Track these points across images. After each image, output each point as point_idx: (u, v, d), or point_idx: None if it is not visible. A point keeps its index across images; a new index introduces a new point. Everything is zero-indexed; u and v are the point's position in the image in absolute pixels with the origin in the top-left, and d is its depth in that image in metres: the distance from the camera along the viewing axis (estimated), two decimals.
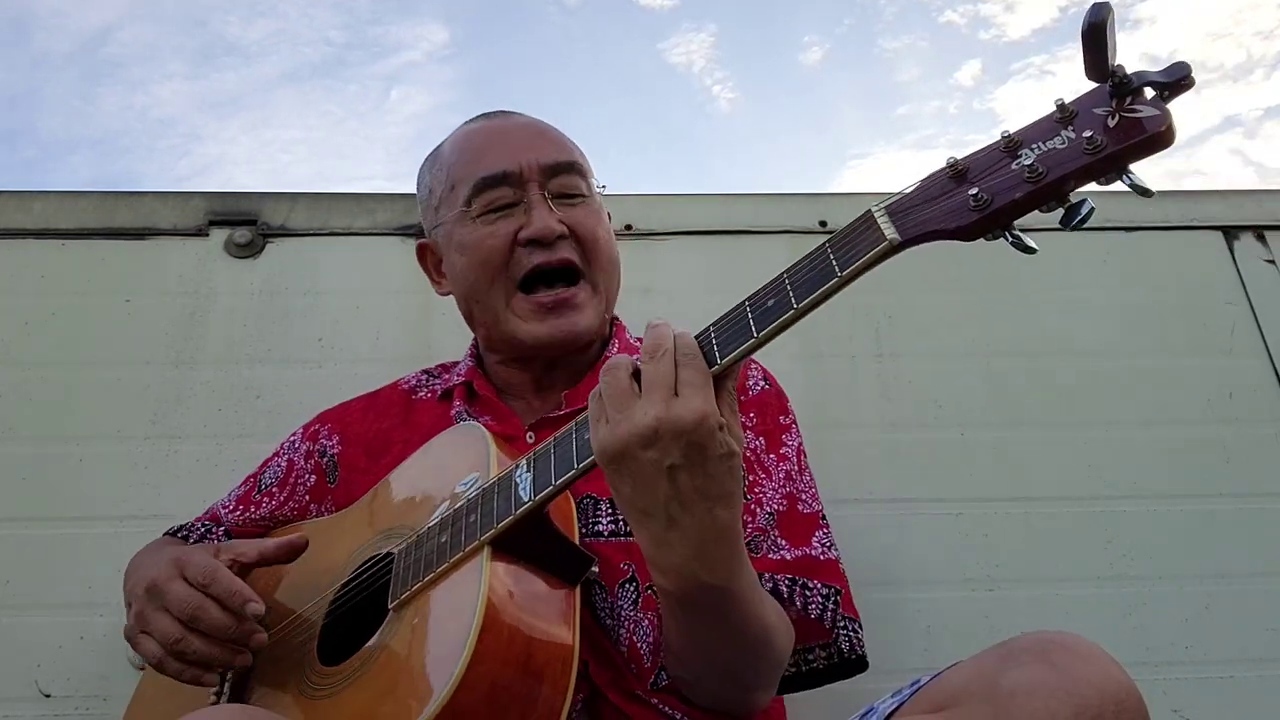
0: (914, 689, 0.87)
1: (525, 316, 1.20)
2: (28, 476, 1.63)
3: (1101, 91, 0.72)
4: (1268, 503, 1.66)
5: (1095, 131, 0.71)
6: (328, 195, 1.93)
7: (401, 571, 0.98)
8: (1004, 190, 0.74)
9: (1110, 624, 1.55)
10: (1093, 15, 0.68)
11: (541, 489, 0.90)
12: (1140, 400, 1.74)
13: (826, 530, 1.16)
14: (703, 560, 0.85)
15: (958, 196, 0.76)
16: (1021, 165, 0.73)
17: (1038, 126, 0.75)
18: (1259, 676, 1.52)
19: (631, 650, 1.04)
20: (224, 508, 1.35)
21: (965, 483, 1.66)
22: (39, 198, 1.88)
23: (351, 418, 1.35)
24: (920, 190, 0.79)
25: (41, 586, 1.55)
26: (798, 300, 0.80)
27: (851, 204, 1.93)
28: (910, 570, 1.58)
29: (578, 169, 1.25)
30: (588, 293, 1.22)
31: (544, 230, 1.17)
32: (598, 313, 1.23)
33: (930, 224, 0.76)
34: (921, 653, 1.50)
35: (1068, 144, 0.73)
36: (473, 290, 1.23)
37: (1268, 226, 1.91)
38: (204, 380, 1.73)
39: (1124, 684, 0.73)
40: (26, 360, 1.73)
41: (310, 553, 1.20)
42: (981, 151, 0.77)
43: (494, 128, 1.28)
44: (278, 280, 1.83)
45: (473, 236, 1.21)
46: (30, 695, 1.47)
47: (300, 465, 1.33)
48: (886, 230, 0.77)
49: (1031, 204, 0.74)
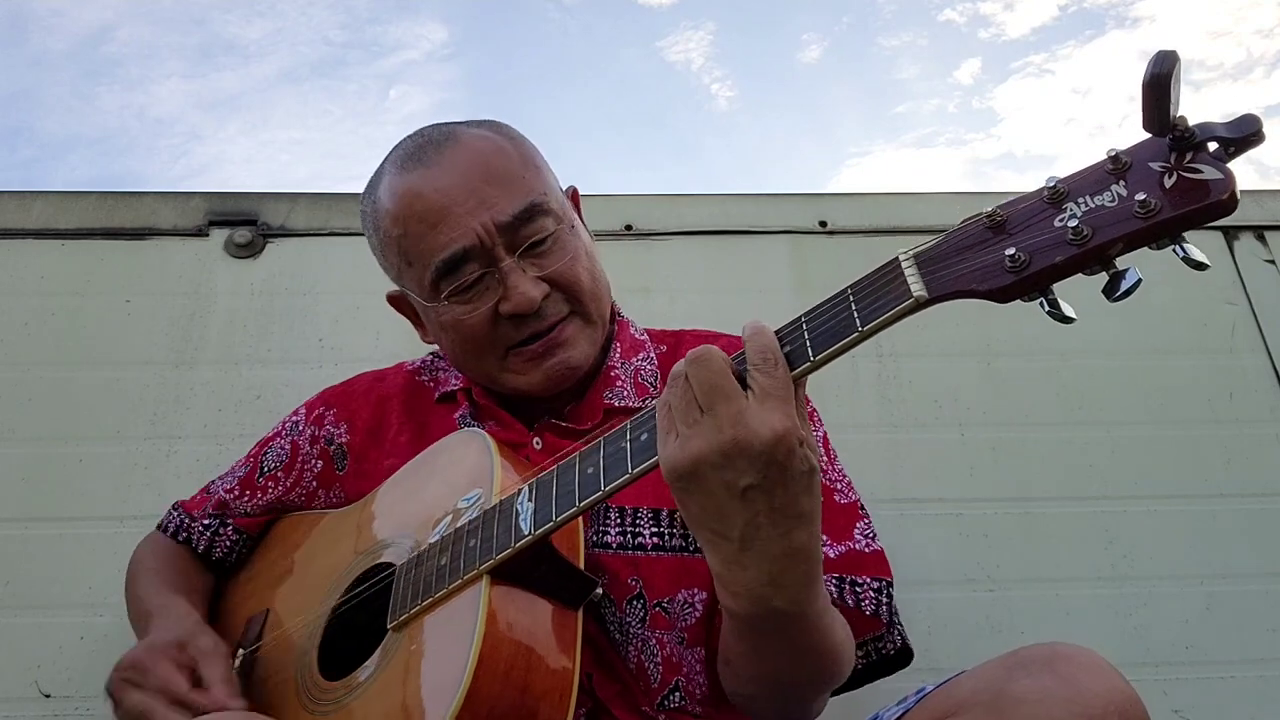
0: (919, 696, 0.88)
1: (521, 370, 1.13)
2: (28, 476, 1.63)
3: (1159, 144, 0.66)
4: (1268, 503, 1.66)
5: (1149, 193, 0.65)
6: (328, 195, 1.94)
7: (401, 591, 0.98)
8: (1044, 251, 0.68)
9: (1110, 624, 1.55)
10: (1157, 65, 0.62)
11: (542, 524, 0.87)
12: (1140, 400, 1.74)
13: (867, 520, 1.12)
14: (776, 584, 0.79)
15: (993, 252, 0.70)
16: (1065, 224, 0.67)
17: (1086, 177, 0.68)
18: (1259, 677, 1.52)
19: (639, 668, 1.02)
20: (228, 492, 1.31)
21: (965, 483, 1.66)
22: (39, 198, 1.88)
23: (356, 403, 1.30)
24: (953, 240, 0.73)
25: (41, 586, 1.55)
26: (815, 352, 0.77)
27: (851, 205, 1.93)
28: (910, 570, 1.58)
29: (538, 207, 1.10)
30: (577, 325, 1.13)
31: (525, 304, 1.07)
32: (591, 339, 1.15)
33: (962, 282, 0.71)
34: (922, 653, 1.49)
35: (1118, 202, 0.66)
36: (462, 361, 1.18)
37: (1268, 226, 1.91)
38: (204, 380, 1.73)
39: (1128, 695, 0.73)
40: (26, 360, 1.73)
41: (314, 550, 1.20)
42: (1023, 200, 0.71)
43: (432, 188, 1.10)
44: (278, 280, 1.83)
45: (449, 318, 1.12)
46: (30, 695, 1.47)
47: (305, 450, 1.29)
48: (914, 284, 0.72)
49: (1073, 268, 0.68)
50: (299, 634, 1.09)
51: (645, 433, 0.84)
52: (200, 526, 1.31)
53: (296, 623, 1.11)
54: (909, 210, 1.93)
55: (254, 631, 1.16)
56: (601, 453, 0.87)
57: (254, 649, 1.13)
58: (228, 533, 1.30)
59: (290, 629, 1.12)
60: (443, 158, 1.12)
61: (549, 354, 1.11)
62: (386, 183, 1.15)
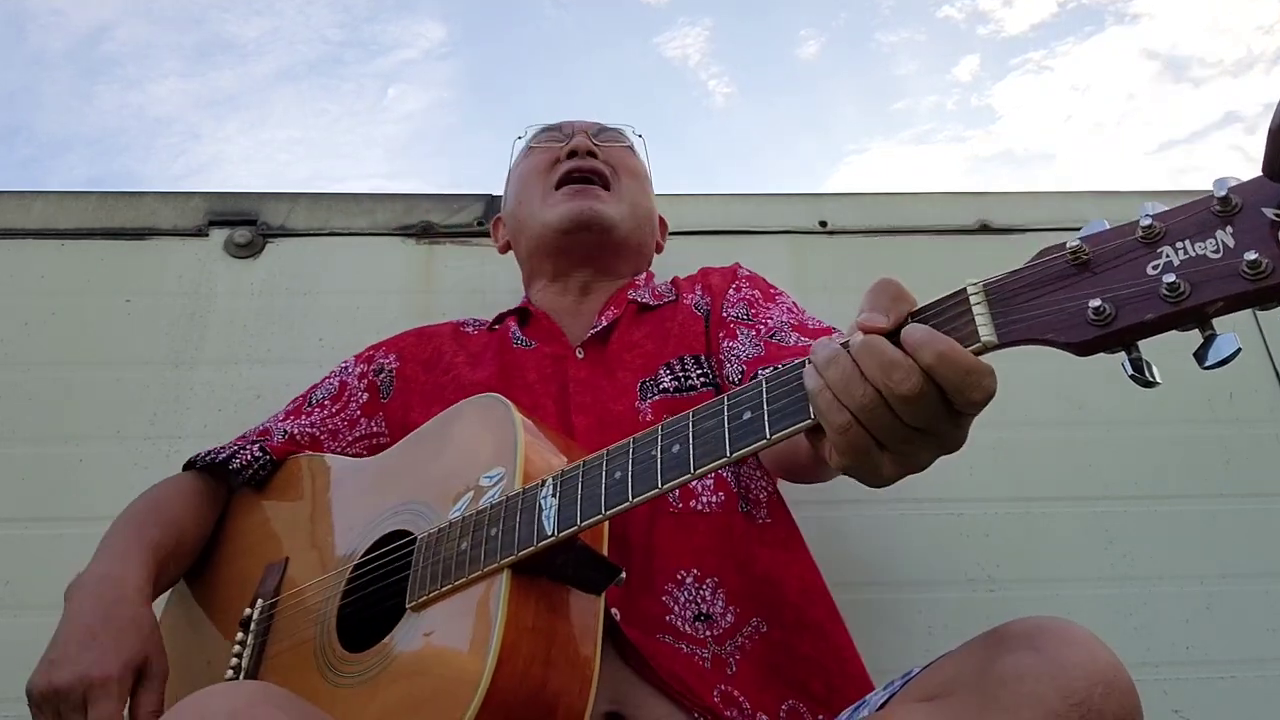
0: (905, 680, 0.88)
1: (556, 202, 1.39)
2: (28, 476, 1.63)
3: (1274, 188, 0.58)
4: (1268, 503, 1.66)
5: (1260, 251, 0.56)
6: (328, 195, 1.94)
7: (421, 570, 0.97)
8: (1132, 304, 0.61)
9: (1110, 624, 1.55)
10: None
11: (566, 526, 0.86)
12: (1140, 400, 1.74)
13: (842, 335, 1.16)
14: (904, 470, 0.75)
15: (1075, 298, 0.63)
16: (1160, 275, 0.60)
17: (1188, 217, 0.60)
18: (1260, 676, 1.52)
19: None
20: (275, 419, 1.37)
21: (965, 483, 1.66)
22: (39, 198, 1.88)
23: (407, 342, 1.45)
24: (1030, 276, 0.66)
25: (41, 586, 1.54)
26: None
27: (852, 205, 1.93)
28: (910, 570, 1.58)
29: (623, 137, 1.53)
30: (614, 196, 1.41)
31: (580, 144, 1.43)
32: (620, 212, 1.40)
33: (1037, 330, 0.64)
34: (922, 653, 1.48)
35: (1222, 255, 0.58)
36: (520, 201, 1.47)
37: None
38: (204, 380, 1.73)
39: (1111, 664, 0.73)
40: (26, 360, 1.73)
41: (334, 501, 1.20)
42: (1112, 234, 0.64)
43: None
44: (278, 280, 1.83)
45: (526, 160, 1.50)
46: None
47: (353, 385, 1.39)
48: (982, 327, 0.66)
49: (1164, 327, 0.61)
50: (318, 594, 1.09)
51: (678, 444, 0.81)
52: (230, 445, 1.32)
53: (315, 580, 1.11)
54: (909, 210, 1.93)
55: (273, 583, 1.15)
56: (631, 457, 0.85)
57: (273, 602, 1.13)
58: (252, 449, 1.30)
59: (308, 587, 1.11)
60: None
61: (582, 196, 1.39)
62: None
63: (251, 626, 1.11)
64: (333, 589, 1.07)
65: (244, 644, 1.10)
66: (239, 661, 1.09)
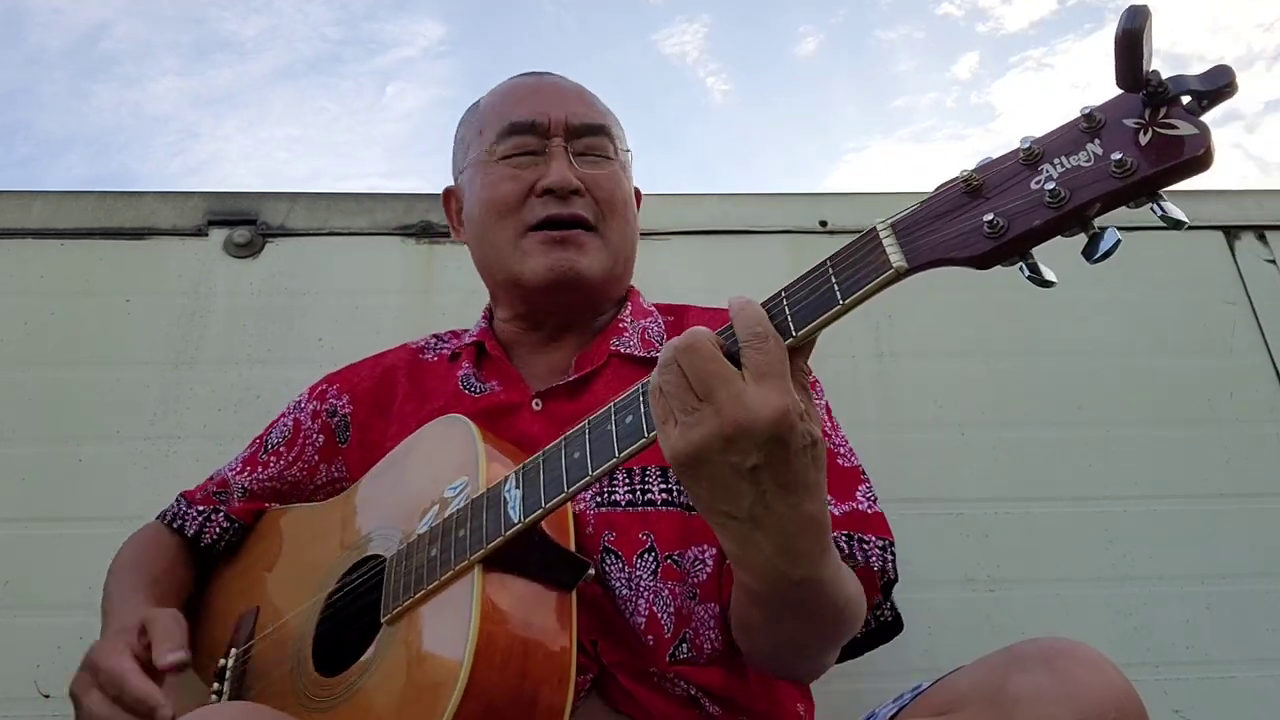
0: (915, 693, 0.88)
1: (530, 251, 1.19)
2: (28, 476, 1.63)
3: (1132, 100, 0.65)
4: (1268, 503, 1.66)
5: (1125, 151, 0.64)
6: (327, 195, 1.94)
7: (392, 583, 0.98)
8: (1022, 215, 0.67)
9: (1111, 624, 1.55)
10: (1129, 20, 0.61)
11: (531, 510, 0.87)
12: (1140, 400, 1.74)
13: (868, 484, 1.13)
14: (789, 556, 0.79)
15: (971, 218, 0.70)
16: (1042, 186, 0.66)
17: (1061, 137, 0.68)
18: (1259, 676, 1.52)
19: (650, 621, 1.02)
20: (231, 470, 1.33)
21: (965, 483, 1.66)
22: (38, 197, 1.88)
23: (359, 376, 1.34)
24: (930, 206, 0.73)
25: (41, 586, 1.55)
26: (796, 328, 0.76)
27: (852, 204, 1.93)
28: (910, 570, 1.57)
29: (606, 132, 1.26)
30: (597, 243, 1.21)
31: (561, 181, 1.18)
32: (604, 264, 1.21)
33: (941, 250, 0.71)
34: (922, 653, 1.50)
35: (1094, 162, 0.66)
36: (484, 231, 1.24)
37: (1268, 226, 1.91)
38: (204, 380, 1.73)
39: (1125, 690, 0.73)
40: (26, 360, 1.73)
41: (301, 544, 1.20)
42: (997, 161, 0.70)
43: (533, 82, 1.30)
44: (278, 280, 1.83)
45: (491, 178, 1.22)
46: (30, 695, 1.47)
47: (308, 425, 1.31)
48: (893, 255, 0.72)
49: (1051, 231, 0.67)
50: (291, 630, 1.09)
51: (630, 415, 0.83)
52: (194, 513, 1.30)
53: (288, 619, 1.11)
54: None
55: (245, 630, 1.16)
56: (588, 437, 0.86)
57: (246, 648, 1.13)
58: (219, 519, 1.29)
59: (282, 626, 1.11)
60: (550, 75, 1.32)
61: (561, 247, 1.19)
62: (493, 89, 1.33)
63: (226, 675, 1.11)
64: (307, 622, 1.08)
65: (219, 693, 1.10)
66: (218, 698, 1.09)
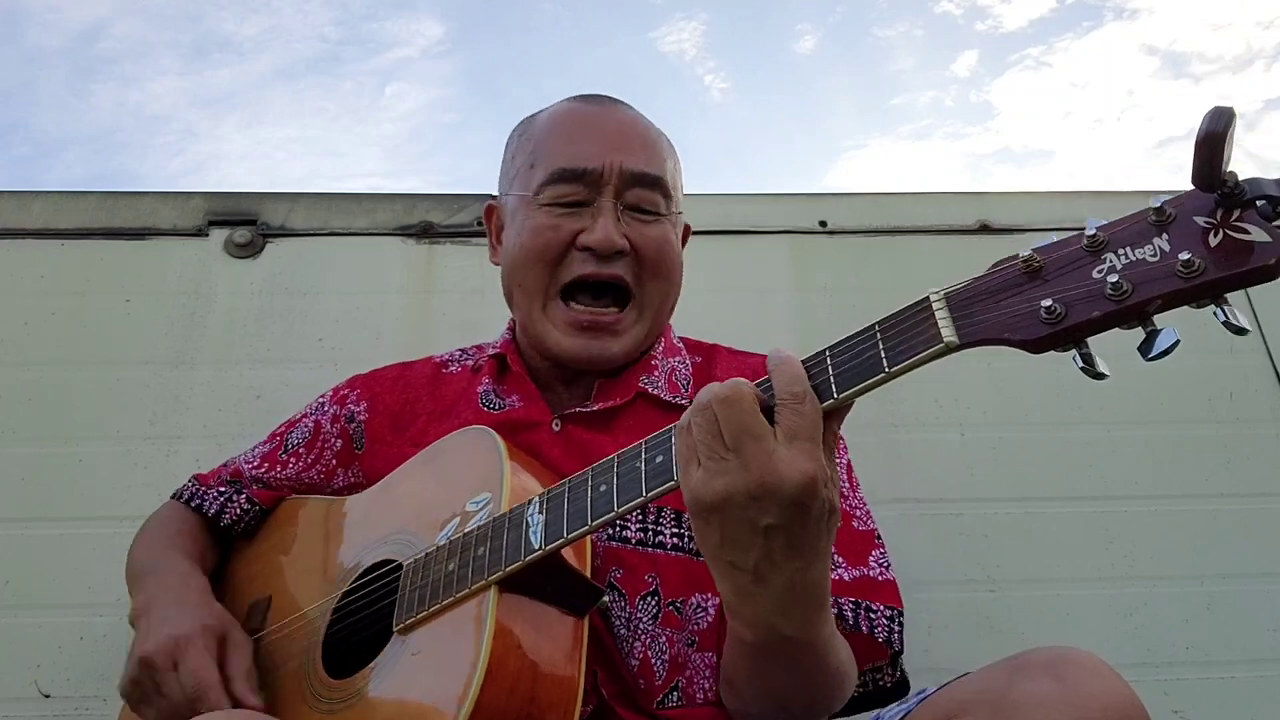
0: (920, 699, 0.88)
1: (558, 326, 1.15)
2: (28, 476, 1.63)
3: (1205, 198, 0.64)
4: (1268, 503, 1.66)
5: (1193, 251, 0.63)
6: (327, 195, 1.94)
7: (408, 594, 0.98)
8: (1081, 304, 0.66)
9: (1111, 624, 1.55)
10: (1213, 122, 0.60)
11: (552, 539, 0.87)
12: (1140, 400, 1.74)
13: (883, 550, 1.12)
14: (786, 615, 0.80)
15: (1028, 301, 0.68)
16: (1104, 277, 0.65)
17: (1128, 228, 0.66)
18: (1259, 676, 1.52)
19: (644, 665, 1.02)
20: (247, 463, 1.32)
21: (965, 483, 1.66)
22: (38, 198, 1.89)
23: (382, 387, 1.33)
24: (985, 282, 0.71)
25: (41, 586, 1.55)
26: (839, 390, 0.76)
27: (852, 205, 1.93)
28: (910, 570, 1.58)
29: (661, 186, 1.18)
30: (632, 317, 1.17)
31: (604, 242, 1.12)
32: (636, 339, 1.17)
33: (995, 330, 0.69)
34: (922, 653, 1.50)
35: (1160, 258, 0.64)
36: (518, 275, 1.18)
37: None
38: (204, 380, 1.73)
39: (1129, 698, 0.74)
40: (26, 360, 1.73)
41: (317, 538, 1.20)
42: (1060, 245, 0.69)
43: (594, 115, 1.21)
44: (278, 280, 1.83)
45: (533, 223, 1.15)
46: (30, 695, 1.47)
47: (327, 429, 1.31)
48: (945, 329, 0.71)
49: (1109, 324, 0.67)
50: (303, 625, 1.09)
51: (661, 455, 0.83)
52: (214, 493, 1.30)
53: (301, 613, 1.11)
54: (909, 210, 1.93)
55: (257, 618, 1.16)
56: (615, 471, 0.86)
57: (257, 637, 1.13)
58: (240, 500, 1.29)
59: (294, 619, 1.11)
60: (616, 107, 1.24)
61: (593, 333, 1.14)
62: (557, 103, 1.26)
63: None
64: (319, 619, 1.08)
65: None
66: None
